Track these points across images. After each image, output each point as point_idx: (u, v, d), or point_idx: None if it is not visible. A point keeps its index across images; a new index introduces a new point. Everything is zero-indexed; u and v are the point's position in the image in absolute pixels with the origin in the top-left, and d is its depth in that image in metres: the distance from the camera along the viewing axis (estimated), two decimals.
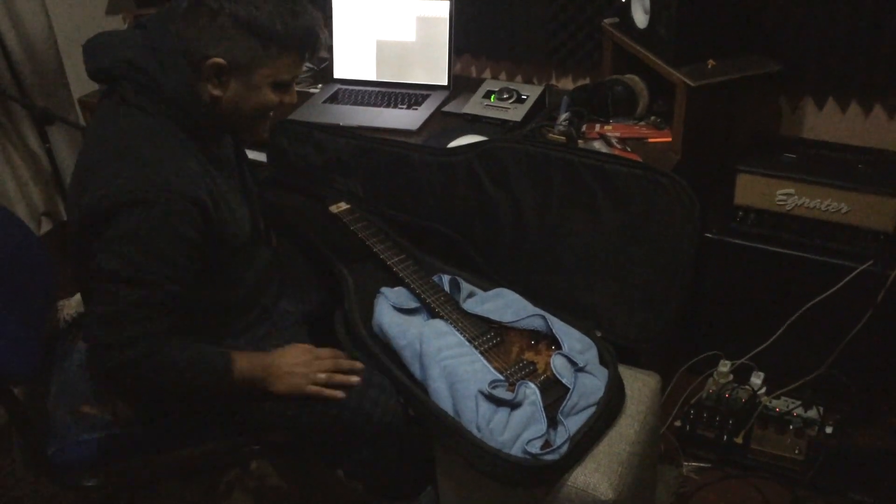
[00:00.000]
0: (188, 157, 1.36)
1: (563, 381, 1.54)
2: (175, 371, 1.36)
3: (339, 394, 1.48)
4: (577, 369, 1.57)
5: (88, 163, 1.36)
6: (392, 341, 1.64)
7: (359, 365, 1.55)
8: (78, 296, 1.77)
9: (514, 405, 1.48)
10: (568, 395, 1.51)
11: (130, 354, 1.30)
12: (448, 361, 1.55)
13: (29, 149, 2.77)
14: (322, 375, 1.49)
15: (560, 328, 1.66)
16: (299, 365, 1.49)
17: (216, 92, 1.36)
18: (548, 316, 1.69)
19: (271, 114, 1.45)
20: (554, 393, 1.53)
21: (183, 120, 1.36)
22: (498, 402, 1.48)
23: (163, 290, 1.31)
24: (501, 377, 1.54)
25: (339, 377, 1.50)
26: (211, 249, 1.39)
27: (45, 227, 2.94)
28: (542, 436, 1.45)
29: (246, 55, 1.33)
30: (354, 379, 1.51)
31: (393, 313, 1.68)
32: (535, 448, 1.43)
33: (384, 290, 1.74)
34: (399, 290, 1.76)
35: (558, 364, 1.57)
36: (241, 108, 1.38)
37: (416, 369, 1.59)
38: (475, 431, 1.46)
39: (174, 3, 1.35)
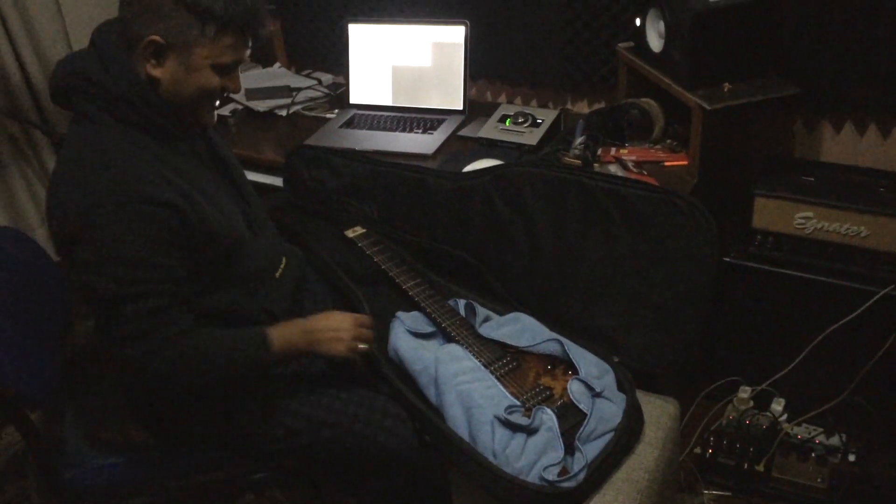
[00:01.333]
0: (147, 160, 1.35)
1: (581, 406, 1.53)
2: (214, 358, 1.38)
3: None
4: (595, 395, 1.55)
5: (49, 189, 1.38)
6: (407, 366, 1.63)
7: None
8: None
9: (530, 431, 1.46)
10: (585, 421, 1.49)
11: (167, 356, 1.32)
12: (463, 386, 1.54)
13: (48, 175, 2.80)
14: (363, 346, 1.51)
15: (577, 353, 1.65)
16: (344, 333, 1.49)
17: (155, 72, 1.35)
18: (564, 340, 1.68)
19: (218, 102, 1.44)
20: (571, 419, 1.51)
21: (135, 118, 1.36)
22: (514, 427, 1.47)
23: (165, 293, 1.32)
24: (518, 402, 1.52)
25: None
26: (199, 246, 1.38)
27: None
28: (560, 462, 1.43)
29: (183, 34, 1.32)
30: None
31: (408, 338, 1.68)
32: (552, 475, 1.41)
33: (399, 314, 1.74)
34: (415, 314, 1.75)
35: (575, 389, 1.56)
36: (182, 90, 1.37)
37: (431, 394, 1.58)
38: (491, 458, 1.45)
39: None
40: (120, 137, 1.35)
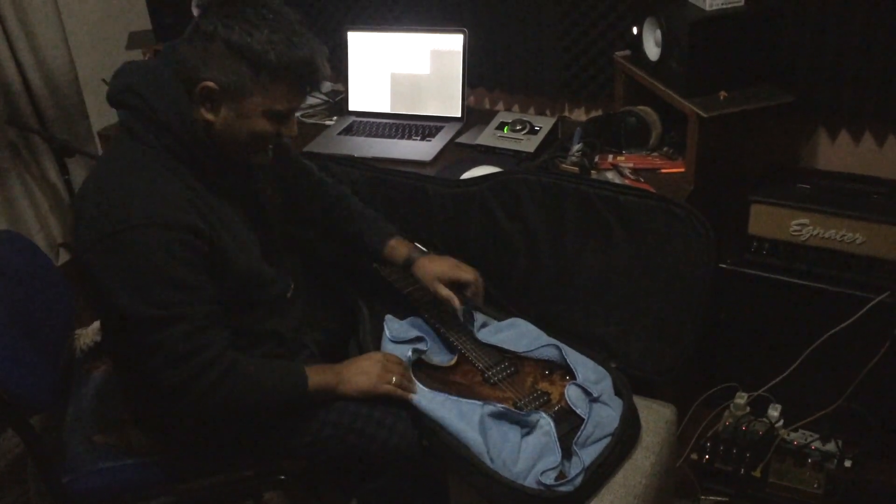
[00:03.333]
0: (176, 186, 1.35)
1: (578, 411, 1.53)
2: (254, 385, 1.40)
3: (410, 396, 1.53)
4: (592, 399, 1.56)
5: (78, 199, 1.38)
6: None
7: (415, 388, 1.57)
8: (95, 324, 1.79)
9: (522, 424, 1.47)
10: (583, 426, 1.50)
11: (211, 377, 1.33)
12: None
13: (48, 180, 2.80)
14: (395, 378, 1.52)
15: (574, 358, 1.66)
16: (372, 368, 1.52)
17: (208, 116, 1.35)
18: (562, 346, 1.69)
19: (271, 146, 1.44)
20: (568, 423, 1.52)
21: (177, 148, 1.36)
22: (505, 417, 1.47)
23: (200, 315, 1.33)
24: (479, 402, 1.53)
25: (407, 384, 1.55)
26: (216, 274, 1.39)
27: (63, 258, 2.97)
28: (557, 467, 1.44)
29: (236, 81, 1.32)
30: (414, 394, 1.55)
31: (391, 347, 1.68)
32: (549, 479, 1.42)
33: (388, 318, 1.74)
34: (407, 321, 1.75)
35: (573, 394, 1.57)
36: (234, 134, 1.37)
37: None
38: (488, 462, 1.45)
39: (188, 31, 1.37)
40: (157, 160, 1.36)
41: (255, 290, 1.51)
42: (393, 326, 1.72)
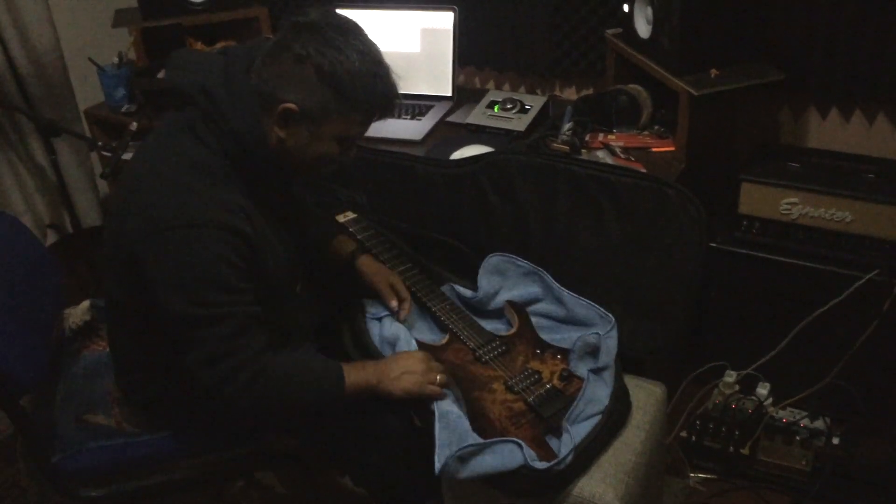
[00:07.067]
0: (233, 190, 1.37)
1: (577, 372, 1.55)
2: (287, 385, 1.40)
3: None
4: (593, 369, 1.56)
5: (133, 184, 1.38)
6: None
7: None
8: (85, 304, 1.78)
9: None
10: (576, 402, 1.50)
11: (241, 380, 1.34)
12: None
13: (35, 161, 2.78)
14: (439, 377, 1.50)
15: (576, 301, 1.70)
16: (416, 367, 1.49)
17: (281, 134, 1.37)
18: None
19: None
20: (557, 403, 1.52)
21: (237, 156, 1.37)
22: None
23: (240, 316, 1.34)
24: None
25: (452, 384, 1.51)
26: (253, 278, 1.39)
27: (51, 238, 2.95)
28: (525, 459, 1.41)
29: (319, 106, 1.34)
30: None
31: (374, 324, 1.68)
32: (539, 466, 1.41)
33: (365, 300, 1.73)
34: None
35: (580, 349, 1.58)
36: (303, 154, 1.40)
37: None
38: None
39: (259, 39, 1.37)
40: (217, 163, 1.37)
41: (275, 290, 1.50)
42: (369, 305, 1.71)
